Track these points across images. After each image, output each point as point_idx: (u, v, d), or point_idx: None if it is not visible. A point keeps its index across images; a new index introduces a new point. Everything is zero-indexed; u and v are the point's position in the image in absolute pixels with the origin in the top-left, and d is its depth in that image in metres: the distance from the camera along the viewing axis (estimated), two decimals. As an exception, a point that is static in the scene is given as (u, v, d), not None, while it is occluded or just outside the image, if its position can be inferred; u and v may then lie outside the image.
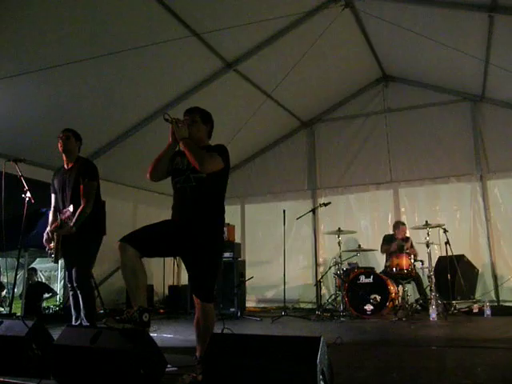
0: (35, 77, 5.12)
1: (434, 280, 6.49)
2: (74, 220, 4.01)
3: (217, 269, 3.13)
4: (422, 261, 6.90)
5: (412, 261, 6.83)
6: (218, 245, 3.11)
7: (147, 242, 2.87)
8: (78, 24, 4.97)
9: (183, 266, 8.78)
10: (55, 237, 4.15)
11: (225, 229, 7.36)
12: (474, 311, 6.56)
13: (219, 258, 3.20)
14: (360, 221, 8.68)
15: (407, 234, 7.50)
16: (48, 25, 4.82)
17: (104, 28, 5.17)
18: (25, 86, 5.35)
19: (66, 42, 5.06)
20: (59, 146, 4.32)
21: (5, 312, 7.06)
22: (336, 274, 7.42)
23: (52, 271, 11.62)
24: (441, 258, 7.21)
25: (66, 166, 4.37)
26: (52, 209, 4.42)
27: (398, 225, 7.55)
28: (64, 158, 4.37)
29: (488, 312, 6.35)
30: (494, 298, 7.39)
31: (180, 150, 3.17)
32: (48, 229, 4.31)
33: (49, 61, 5.08)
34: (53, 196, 4.45)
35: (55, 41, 5.00)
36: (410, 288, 7.09)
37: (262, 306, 8.55)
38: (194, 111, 3.24)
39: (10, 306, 5.51)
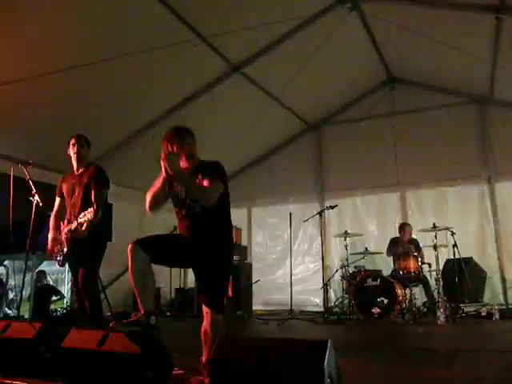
0: (43, 80, 5.14)
1: (441, 283, 6.46)
2: (85, 224, 3.99)
3: (227, 281, 3.13)
4: (429, 263, 6.86)
5: (419, 263, 6.80)
6: (228, 260, 3.14)
7: (159, 249, 2.86)
8: (86, 28, 4.99)
9: (190, 269, 8.72)
10: (65, 240, 4.15)
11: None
12: (483, 315, 6.51)
13: (229, 271, 3.20)
14: (367, 223, 8.65)
15: (413, 236, 7.46)
16: (58, 28, 4.85)
17: (112, 32, 5.19)
18: (33, 89, 5.37)
19: (74, 46, 5.10)
20: (72, 152, 4.31)
21: (13, 314, 7.09)
22: (343, 276, 7.41)
23: (59, 274, 11.65)
24: (448, 261, 7.17)
25: (75, 171, 4.37)
26: (54, 212, 4.41)
27: (404, 226, 7.51)
28: (74, 164, 4.36)
29: (496, 315, 6.30)
30: (503, 302, 7.33)
31: None
32: (51, 235, 4.31)
33: (58, 64, 5.11)
34: (57, 199, 4.44)
35: (63, 44, 5.03)
36: (418, 291, 7.06)
37: (269, 308, 8.52)
38: (184, 133, 3.11)
39: (18, 308, 5.54)
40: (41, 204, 4.53)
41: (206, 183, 2.90)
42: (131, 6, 5.07)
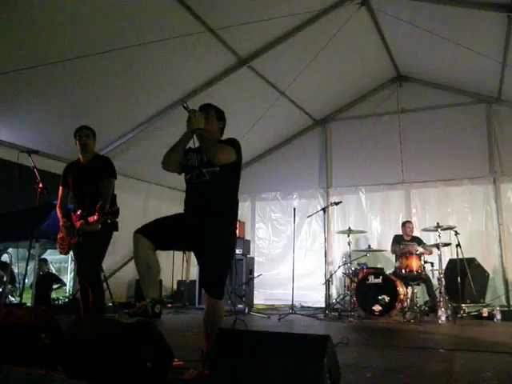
0: (50, 70, 5.15)
1: (443, 282, 6.44)
2: (96, 217, 3.96)
3: (228, 264, 3.13)
4: (432, 263, 6.84)
5: (422, 262, 6.79)
6: (230, 239, 3.10)
7: (162, 234, 2.87)
8: (98, 18, 4.99)
9: (192, 261, 8.77)
10: (75, 230, 4.15)
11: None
12: (484, 315, 6.49)
13: (231, 253, 3.19)
14: (371, 221, 8.64)
15: (416, 234, 7.45)
16: (68, 17, 4.84)
17: (119, 22, 5.19)
18: (40, 79, 5.38)
19: (81, 36, 5.10)
20: (78, 144, 4.32)
21: (15, 302, 7.15)
22: (345, 273, 7.40)
23: (62, 263, 11.72)
24: (451, 261, 7.14)
25: (82, 161, 4.38)
26: (59, 202, 4.42)
27: (405, 223, 7.54)
28: (81, 155, 4.37)
29: (498, 317, 6.27)
30: (505, 303, 7.31)
31: (192, 147, 3.18)
32: (60, 223, 4.32)
33: (66, 53, 5.11)
34: (61, 189, 4.45)
35: (72, 34, 5.03)
36: (420, 290, 7.04)
37: (270, 303, 8.54)
38: (209, 107, 3.26)
39: (21, 295, 5.58)
40: (45, 193, 4.55)
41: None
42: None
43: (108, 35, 5.25)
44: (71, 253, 4.37)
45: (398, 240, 7.40)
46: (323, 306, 7.61)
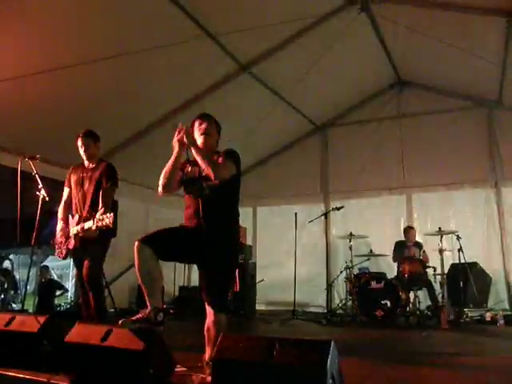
0: (52, 75, 5.16)
1: (446, 287, 6.43)
2: (95, 224, 3.94)
3: (231, 278, 3.09)
4: (434, 267, 6.83)
5: (424, 267, 6.77)
6: (233, 253, 3.08)
7: (165, 246, 2.85)
8: (98, 25, 5.01)
9: (194, 267, 8.73)
10: (73, 236, 4.16)
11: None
12: (487, 320, 6.48)
13: (234, 267, 3.17)
14: (372, 226, 8.61)
15: (417, 239, 7.44)
16: (69, 24, 4.87)
17: (119, 28, 5.20)
18: (41, 84, 5.39)
19: (85, 43, 5.11)
20: (80, 151, 4.34)
21: (17, 308, 7.13)
22: (347, 278, 7.39)
23: (64, 269, 11.71)
24: (453, 265, 7.13)
25: (86, 165, 4.40)
26: (63, 204, 4.44)
27: (408, 230, 7.51)
28: (85, 160, 4.40)
29: (501, 321, 6.26)
30: (508, 307, 7.28)
31: (188, 159, 3.14)
32: (59, 225, 4.33)
33: (67, 60, 5.12)
34: (66, 190, 4.46)
35: (74, 40, 5.05)
36: (422, 294, 7.02)
37: (272, 308, 8.52)
38: (210, 117, 3.21)
39: (23, 302, 5.57)
40: (47, 199, 4.55)
41: (219, 160, 3.00)
42: (142, 3, 5.08)
43: (108, 42, 5.27)
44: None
45: (399, 247, 7.38)
46: (325, 311, 7.59)
